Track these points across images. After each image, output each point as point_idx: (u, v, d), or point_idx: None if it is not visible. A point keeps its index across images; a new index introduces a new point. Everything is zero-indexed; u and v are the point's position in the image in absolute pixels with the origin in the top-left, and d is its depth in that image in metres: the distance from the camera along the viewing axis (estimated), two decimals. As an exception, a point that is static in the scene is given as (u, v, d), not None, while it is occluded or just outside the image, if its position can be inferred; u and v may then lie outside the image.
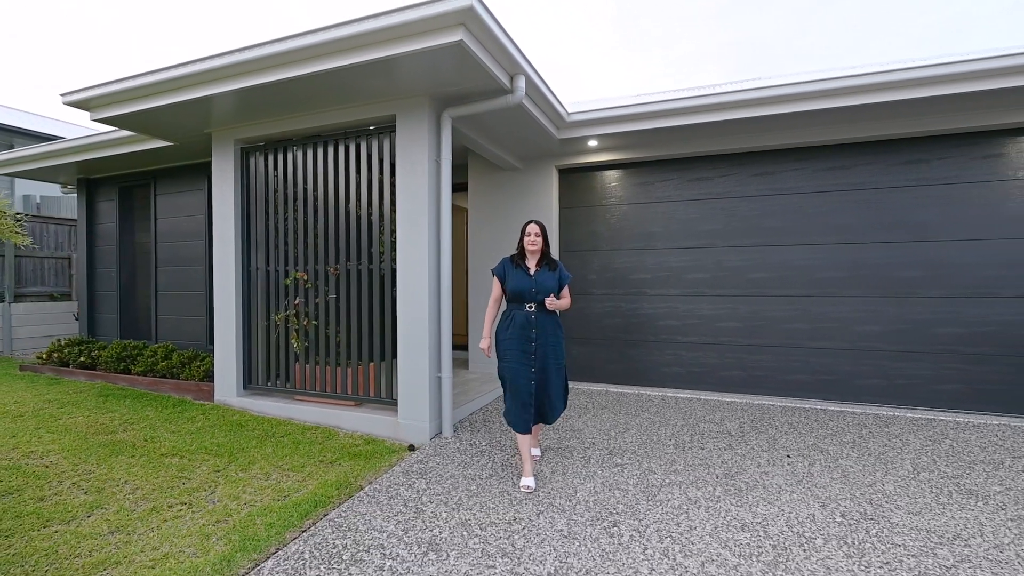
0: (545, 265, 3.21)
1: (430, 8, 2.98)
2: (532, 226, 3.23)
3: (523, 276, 3.16)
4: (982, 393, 4.46)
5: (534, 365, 3.10)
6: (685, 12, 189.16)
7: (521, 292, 3.13)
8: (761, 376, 5.13)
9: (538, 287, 3.12)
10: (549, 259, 3.25)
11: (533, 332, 3.11)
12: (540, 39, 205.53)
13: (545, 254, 3.23)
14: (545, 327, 3.13)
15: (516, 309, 3.17)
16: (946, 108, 4.26)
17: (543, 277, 3.16)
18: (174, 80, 4.08)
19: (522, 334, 3.11)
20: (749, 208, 5.20)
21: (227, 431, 4.10)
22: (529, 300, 3.13)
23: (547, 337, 3.13)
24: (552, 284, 3.15)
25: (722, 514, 2.75)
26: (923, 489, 3.05)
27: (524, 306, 3.15)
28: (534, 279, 3.15)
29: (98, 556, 2.34)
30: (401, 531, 2.60)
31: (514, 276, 3.19)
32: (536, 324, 3.11)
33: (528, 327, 3.11)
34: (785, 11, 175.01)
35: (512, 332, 3.14)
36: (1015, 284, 4.37)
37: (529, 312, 3.13)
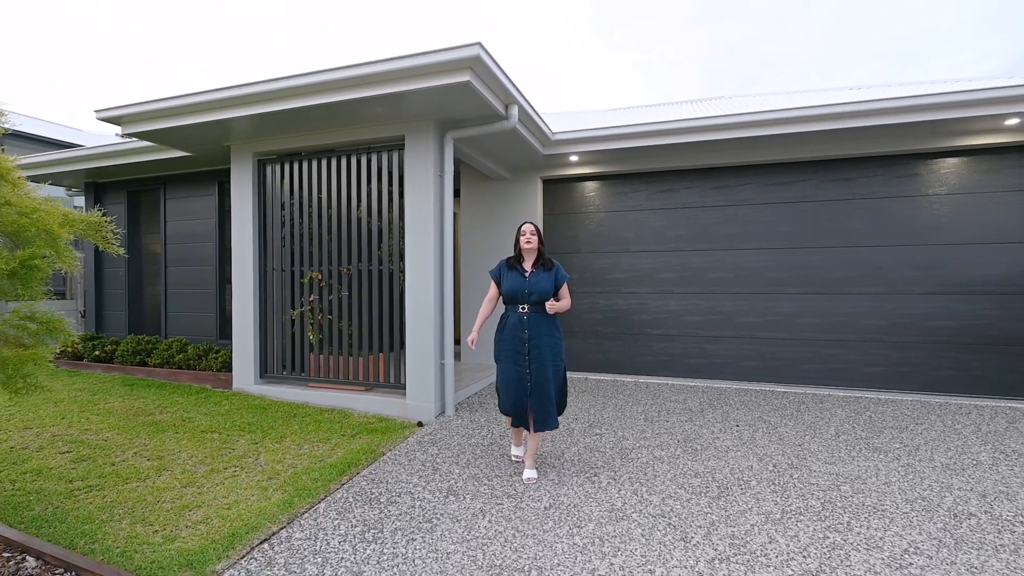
0: (541, 266, 3.19)
1: (444, 55, 3.60)
2: (526, 226, 3.21)
3: (518, 277, 3.16)
4: (900, 374, 5.29)
5: (528, 367, 3.08)
6: (660, 17, 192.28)
7: (515, 293, 3.13)
8: (719, 363, 5.89)
9: (531, 288, 3.11)
10: (545, 259, 3.22)
11: (525, 333, 3.09)
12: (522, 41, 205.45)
13: (541, 254, 3.21)
14: (539, 328, 3.10)
15: (510, 311, 3.18)
16: (871, 136, 5.07)
17: (538, 278, 3.14)
18: (201, 104, 4.61)
19: (514, 335, 3.11)
20: (709, 217, 5.95)
21: (253, 412, 4.63)
22: (522, 301, 3.12)
23: (541, 338, 3.09)
24: (547, 285, 3.13)
25: (680, 467, 3.45)
26: (839, 447, 3.81)
27: (517, 307, 3.14)
28: (528, 280, 3.14)
29: (181, 502, 2.88)
30: (423, 482, 3.21)
31: (509, 277, 3.19)
32: (528, 325, 3.10)
33: (520, 328, 3.10)
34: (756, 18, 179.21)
35: (505, 334, 3.15)
36: (925, 283, 5.22)
37: (522, 313, 3.12)
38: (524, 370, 3.09)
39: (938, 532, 2.59)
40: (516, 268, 3.21)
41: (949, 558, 2.36)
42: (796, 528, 2.64)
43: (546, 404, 3.09)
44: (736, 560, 2.35)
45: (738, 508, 2.85)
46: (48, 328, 2.79)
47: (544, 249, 3.25)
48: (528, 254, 3.21)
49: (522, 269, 3.20)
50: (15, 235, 2.46)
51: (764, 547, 2.46)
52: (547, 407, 3.10)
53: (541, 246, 3.22)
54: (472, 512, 2.81)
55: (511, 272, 3.21)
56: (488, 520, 2.73)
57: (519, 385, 3.10)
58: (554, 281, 3.17)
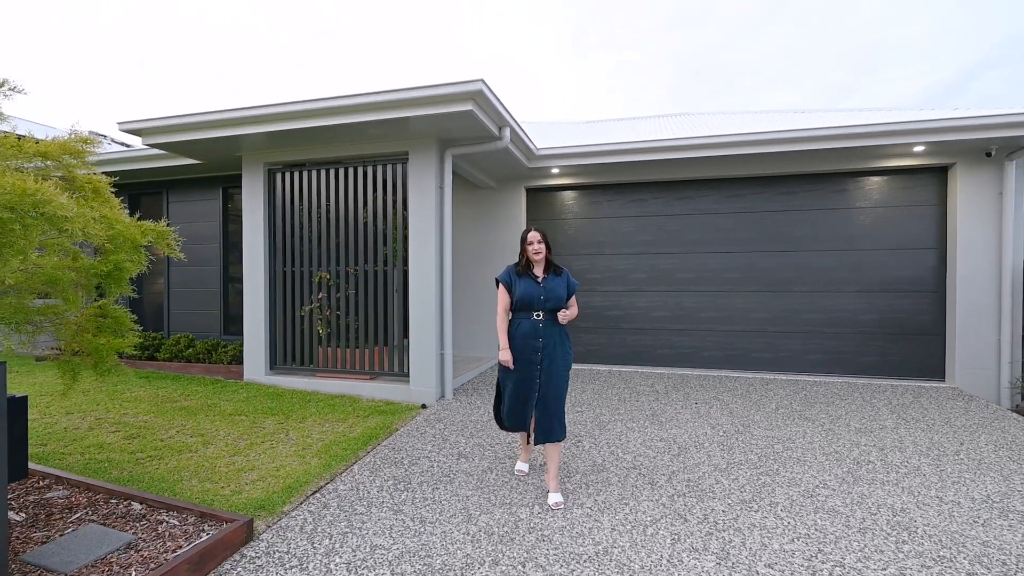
0: (552, 272, 3.11)
1: (450, 88, 4.22)
2: (533, 234, 3.09)
3: (531, 283, 3.03)
4: (834, 361, 6.18)
5: (539, 376, 2.98)
6: (630, 24, 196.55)
7: (530, 300, 2.99)
8: (684, 353, 6.67)
9: (547, 295, 3.00)
10: (555, 266, 3.14)
11: (540, 342, 2.97)
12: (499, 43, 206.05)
13: (550, 261, 3.12)
14: (552, 337, 3.00)
15: (523, 318, 3.03)
16: (810, 157, 5.92)
17: (552, 284, 3.04)
18: (218, 121, 5.12)
19: (528, 344, 2.99)
20: (675, 224, 6.73)
21: (270, 399, 5.13)
22: (537, 308, 2.99)
23: (555, 347, 3.00)
24: (562, 291, 3.04)
25: (648, 434, 4.16)
26: (777, 418, 4.60)
27: (532, 314, 3.00)
28: (543, 286, 3.02)
29: (235, 467, 3.42)
30: (436, 449, 3.83)
31: (521, 284, 3.04)
32: (543, 333, 2.98)
33: (535, 336, 2.98)
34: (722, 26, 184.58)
35: (519, 342, 3.01)
36: (855, 282, 6.12)
37: (536, 320, 2.99)
38: (535, 380, 2.98)
39: (843, 474, 3.37)
40: (527, 275, 3.08)
41: (847, 490, 3.13)
42: (737, 474, 3.37)
43: (554, 414, 2.98)
44: (690, 495, 3.06)
45: (693, 462, 3.58)
46: (117, 323, 3.29)
47: (551, 255, 3.15)
48: (538, 263, 3.09)
49: (534, 275, 3.07)
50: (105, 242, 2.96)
51: (712, 486, 3.18)
52: (555, 417, 2.98)
53: (549, 253, 3.11)
54: (481, 469, 3.45)
55: (522, 279, 3.07)
56: (495, 475, 3.37)
57: (527, 395, 2.99)
58: (567, 288, 3.09)
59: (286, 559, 2.42)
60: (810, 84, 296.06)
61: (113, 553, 2.27)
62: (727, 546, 2.53)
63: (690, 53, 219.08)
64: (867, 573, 2.30)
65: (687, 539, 2.59)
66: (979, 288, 5.54)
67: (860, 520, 2.78)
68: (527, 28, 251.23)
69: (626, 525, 2.72)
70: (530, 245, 3.08)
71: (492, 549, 2.50)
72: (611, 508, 2.91)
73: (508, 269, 3.17)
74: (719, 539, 2.59)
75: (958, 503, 2.98)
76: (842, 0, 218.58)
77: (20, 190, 2.24)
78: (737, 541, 2.57)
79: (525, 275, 3.08)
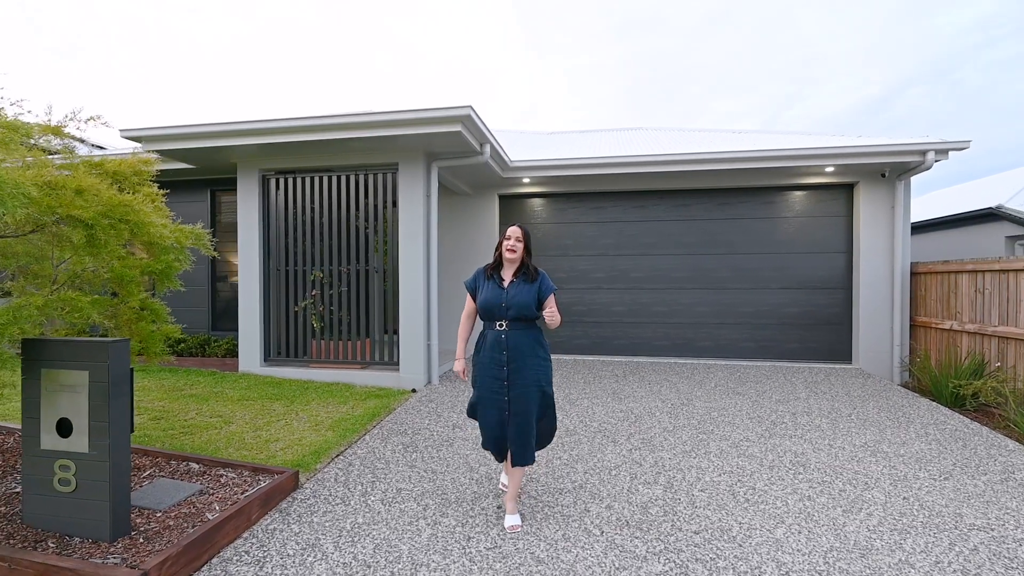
0: (523, 276, 2.74)
1: (441, 112, 4.88)
2: (513, 229, 2.77)
3: (494, 289, 2.73)
4: (763, 348, 7.22)
5: (507, 393, 2.65)
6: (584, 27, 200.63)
7: (491, 308, 2.71)
8: (638, 343, 7.56)
9: (510, 302, 2.68)
10: (529, 269, 2.77)
11: (504, 355, 2.66)
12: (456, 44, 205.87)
13: (524, 264, 2.77)
14: (520, 348, 2.67)
15: (488, 328, 2.75)
16: (743, 174, 6.91)
17: (517, 290, 2.70)
18: (215, 132, 5.55)
19: (492, 357, 2.68)
20: (631, 229, 7.61)
21: (271, 387, 5.61)
22: (500, 317, 2.69)
23: (523, 360, 2.66)
24: (527, 298, 2.67)
25: (609, 407, 4.96)
26: (715, 393, 5.51)
27: (495, 324, 2.71)
28: (506, 292, 2.71)
29: (261, 439, 3.95)
30: (433, 422, 4.48)
31: (485, 289, 2.76)
32: (508, 345, 2.66)
33: (498, 348, 2.67)
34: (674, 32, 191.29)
35: (483, 356, 2.73)
36: (780, 280, 7.18)
37: (500, 331, 2.69)
38: (503, 397, 2.66)
39: (762, 431, 4.27)
40: (494, 278, 2.78)
41: (763, 442, 4.02)
42: (681, 433, 4.21)
43: (524, 434, 2.66)
44: (644, 449, 3.86)
45: (647, 426, 4.40)
46: (155, 314, 3.77)
47: (529, 258, 2.79)
48: (510, 263, 2.77)
49: (500, 279, 2.77)
50: (154, 245, 3.45)
51: (661, 442, 4.00)
52: (525, 439, 2.66)
53: (526, 255, 2.78)
54: (475, 436, 4.12)
55: (488, 283, 2.78)
56: (486, 439, 4.06)
57: (498, 415, 2.68)
58: (537, 293, 2.71)
59: (331, 499, 3.03)
60: (757, 92, 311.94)
61: (191, 497, 2.81)
62: (671, 480, 3.33)
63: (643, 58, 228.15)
64: (771, 492, 3.15)
65: (642, 477, 3.38)
66: (877, 286, 6.69)
67: (771, 461, 3.65)
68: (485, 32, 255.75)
69: (596, 470, 3.49)
70: (507, 240, 2.77)
71: (492, 488, 3.20)
72: (583, 459, 3.67)
73: (476, 272, 2.88)
74: (666, 476, 3.39)
75: (843, 448, 3.92)
76: (783, 15, 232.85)
77: (116, 202, 2.76)
78: (679, 477, 3.38)
79: (492, 278, 2.78)
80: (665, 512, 2.90)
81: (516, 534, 2.66)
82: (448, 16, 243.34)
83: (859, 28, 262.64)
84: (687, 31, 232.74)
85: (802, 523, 2.78)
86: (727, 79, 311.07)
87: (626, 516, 2.86)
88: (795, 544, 2.58)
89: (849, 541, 2.60)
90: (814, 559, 2.44)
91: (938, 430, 4.33)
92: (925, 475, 3.41)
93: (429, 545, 2.55)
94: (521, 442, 2.68)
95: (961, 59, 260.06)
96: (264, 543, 2.55)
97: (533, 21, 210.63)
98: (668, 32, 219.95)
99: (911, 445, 3.97)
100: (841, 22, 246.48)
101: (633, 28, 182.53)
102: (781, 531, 2.70)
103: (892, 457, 3.72)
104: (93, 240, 2.75)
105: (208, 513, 2.61)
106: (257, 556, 2.44)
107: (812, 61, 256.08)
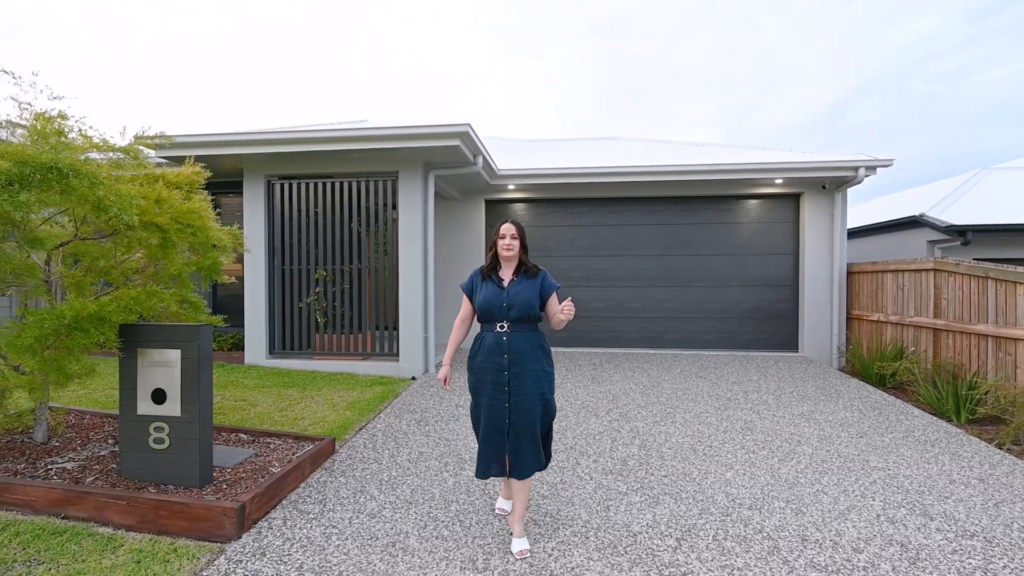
0: (523, 273, 2.63)
1: (442, 129, 5.49)
2: (507, 227, 2.63)
3: (493, 289, 2.60)
4: (724, 339, 8.08)
5: (508, 400, 2.51)
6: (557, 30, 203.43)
7: (491, 308, 2.57)
8: (614, 336, 8.32)
9: (511, 301, 2.55)
10: (529, 266, 2.66)
11: (505, 359, 2.53)
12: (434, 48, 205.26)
13: (523, 262, 2.66)
14: (522, 352, 2.54)
15: (487, 330, 2.62)
16: (707, 184, 7.75)
17: (519, 288, 2.58)
18: (225, 141, 6.01)
19: (491, 361, 2.54)
20: (608, 232, 8.37)
21: (280, 376, 6.09)
22: (500, 318, 2.56)
23: (525, 364, 2.53)
24: (530, 296, 2.56)
25: (590, 389, 5.67)
26: (682, 377, 6.30)
27: (495, 326, 2.57)
28: (507, 291, 2.58)
29: (288, 418, 4.48)
30: (437, 403, 5.08)
31: (483, 289, 2.63)
32: (509, 348, 2.53)
33: (498, 352, 2.54)
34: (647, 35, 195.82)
35: (482, 360, 2.59)
36: (739, 279, 8.06)
37: (500, 333, 2.56)
38: (503, 404, 2.52)
39: (719, 406, 5.05)
40: (492, 278, 2.65)
41: (720, 413, 4.80)
42: (652, 408, 4.95)
43: (525, 444, 2.51)
44: (621, 420, 4.57)
45: (623, 403, 5.12)
46: (195, 307, 4.26)
47: (526, 255, 2.69)
48: (508, 261, 2.65)
49: (498, 279, 2.65)
50: (201, 245, 3.95)
51: (635, 415, 4.72)
52: (527, 448, 2.52)
53: (523, 252, 2.66)
54: (476, 412, 4.76)
55: (486, 283, 2.65)
56: (487, 415, 4.70)
57: (498, 423, 2.52)
58: (540, 291, 2.61)
59: (365, 460, 3.62)
60: (721, 98, 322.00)
61: (248, 459, 3.35)
62: (645, 441, 4.05)
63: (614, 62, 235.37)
64: (724, 448, 3.90)
65: (620, 440, 4.08)
66: (819, 284, 7.63)
67: (725, 427, 4.42)
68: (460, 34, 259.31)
69: (583, 436, 4.18)
70: (501, 239, 2.64)
71: (499, 449, 3.84)
72: (572, 428, 4.35)
73: (472, 274, 2.75)
74: (640, 439, 4.11)
75: (783, 416, 4.72)
76: (746, 24, 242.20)
77: (185, 209, 3.28)
78: (651, 439, 4.10)
79: (490, 278, 2.65)
80: (640, 463, 3.61)
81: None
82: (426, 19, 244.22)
83: (818, 39, 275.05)
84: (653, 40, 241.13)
85: (747, 469, 3.53)
86: (694, 84, 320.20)
87: (609, 467, 3.55)
88: (740, 482, 3.32)
89: (781, 479, 3.36)
90: (754, 491, 3.19)
91: (861, 403, 5.20)
92: (845, 435, 4.24)
93: (455, 488, 3.18)
94: (523, 452, 2.51)
95: (908, 71, 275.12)
96: (320, 490, 3.13)
97: (508, 22, 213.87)
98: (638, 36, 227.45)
99: (838, 414, 4.81)
100: (801, 32, 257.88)
101: (604, 32, 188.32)
102: (730, 474, 3.44)
103: (822, 423, 4.54)
104: (166, 242, 3.27)
105: (271, 468, 3.17)
106: (317, 498, 3.02)
107: (775, 69, 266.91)
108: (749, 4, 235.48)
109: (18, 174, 2.28)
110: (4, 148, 2.35)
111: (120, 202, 2.63)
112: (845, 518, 2.85)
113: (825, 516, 2.87)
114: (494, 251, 2.67)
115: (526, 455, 2.51)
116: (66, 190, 2.54)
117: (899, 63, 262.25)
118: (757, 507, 2.98)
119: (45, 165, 2.38)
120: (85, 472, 2.97)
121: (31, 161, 2.33)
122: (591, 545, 2.57)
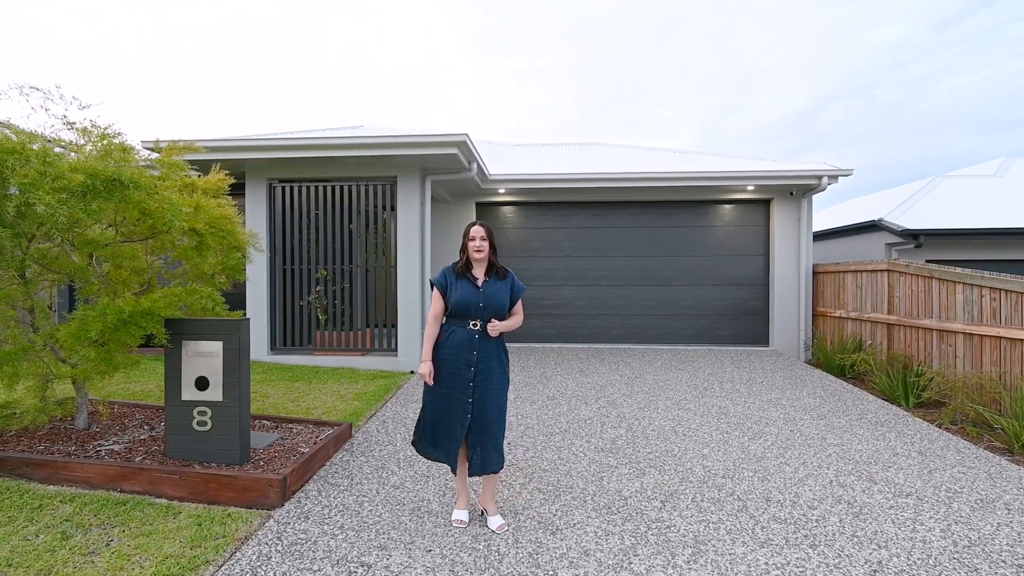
0: (494, 274, 2.76)
1: (441, 138, 5.86)
2: (476, 228, 2.72)
3: (468, 287, 2.69)
4: (699, 335, 8.64)
5: (472, 396, 2.64)
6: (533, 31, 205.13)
7: (466, 306, 2.66)
8: (598, 332, 8.80)
9: (487, 301, 2.68)
10: (498, 268, 2.78)
11: (475, 355, 2.64)
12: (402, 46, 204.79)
13: (493, 263, 2.76)
14: (490, 351, 2.69)
15: (457, 326, 2.70)
16: (683, 190, 8.28)
17: (493, 289, 2.72)
18: (229, 146, 6.26)
19: (461, 356, 2.65)
20: (591, 234, 8.84)
21: (284, 371, 6.37)
22: (475, 316, 2.66)
23: (491, 363, 2.67)
24: (503, 298, 2.72)
25: (579, 381, 6.12)
26: (662, 369, 6.80)
27: (467, 323, 2.67)
28: (482, 291, 2.70)
29: (300, 407, 4.80)
30: (439, 394, 5.45)
31: (458, 287, 2.70)
32: (479, 346, 2.66)
33: (469, 348, 2.65)
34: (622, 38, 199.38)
35: (449, 352, 2.67)
36: (713, 278, 8.62)
37: (473, 331, 2.66)
38: (466, 399, 2.63)
39: (696, 394, 5.55)
40: (466, 276, 2.74)
41: (697, 400, 5.30)
42: (637, 396, 5.42)
43: (491, 442, 2.65)
44: (609, 407, 5.03)
45: (610, 393, 5.58)
46: (215, 303, 4.55)
47: (495, 256, 2.78)
48: (479, 263, 2.76)
49: (472, 278, 2.74)
50: (228, 247, 4.25)
51: (621, 402, 5.18)
52: (493, 445, 2.66)
53: (492, 254, 2.77)
54: (476, 401, 5.16)
55: (460, 281, 2.73)
56: (486, 404, 5.11)
57: (456, 417, 2.64)
58: (510, 293, 2.78)
59: (381, 443, 3.99)
60: (698, 101, 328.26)
61: (276, 442, 3.68)
62: (631, 425, 4.50)
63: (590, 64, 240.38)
64: (701, 430, 4.38)
65: (609, 424, 4.53)
66: (787, 283, 8.24)
67: (702, 412, 4.91)
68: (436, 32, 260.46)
69: (575, 421, 4.61)
70: (471, 241, 2.72)
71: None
72: (564, 415, 4.79)
73: (444, 271, 2.80)
74: (627, 423, 4.56)
75: (754, 403, 5.24)
76: (721, 27, 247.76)
77: (218, 215, 3.59)
78: (636, 423, 4.56)
79: (463, 277, 2.73)
80: (627, 443, 4.06)
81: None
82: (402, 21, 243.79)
83: (791, 44, 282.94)
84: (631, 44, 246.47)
85: (720, 446, 4.01)
86: (671, 89, 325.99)
87: (600, 446, 3.99)
88: (715, 456, 3.79)
89: (751, 454, 3.85)
90: (727, 464, 3.66)
91: (823, 390, 5.77)
92: (808, 418, 4.77)
93: (466, 465, 3.57)
94: (491, 448, 2.66)
95: (878, 77, 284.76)
96: (345, 467, 3.49)
97: (483, 24, 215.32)
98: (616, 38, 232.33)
99: (802, 400, 5.36)
100: (776, 36, 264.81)
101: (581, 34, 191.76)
102: (707, 451, 3.92)
103: (787, 408, 5.07)
104: (202, 245, 3.58)
105: (300, 448, 3.51)
106: (344, 474, 3.38)
107: (750, 73, 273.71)
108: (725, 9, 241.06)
109: (91, 186, 2.59)
110: (78, 163, 2.65)
111: (172, 209, 2.95)
112: (803, 484, 3.34)
113: (787, 482, 3.36)
114: (466, 253, 2.74)
115: (495, 450, 2.68)
116: (124, 199, 2.85)
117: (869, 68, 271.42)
118: (729, 476, 3.45)
119: (111, 178, 2.69)
120: (132, 452, 3.27)
121: (101, 175, 2.64)
122: (589, 507, 3.00)
